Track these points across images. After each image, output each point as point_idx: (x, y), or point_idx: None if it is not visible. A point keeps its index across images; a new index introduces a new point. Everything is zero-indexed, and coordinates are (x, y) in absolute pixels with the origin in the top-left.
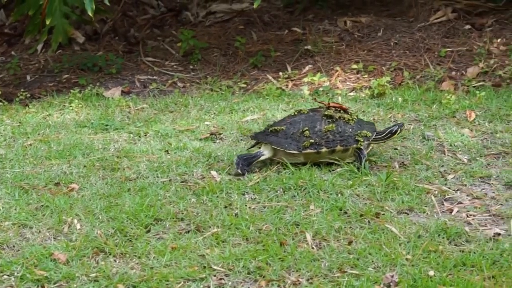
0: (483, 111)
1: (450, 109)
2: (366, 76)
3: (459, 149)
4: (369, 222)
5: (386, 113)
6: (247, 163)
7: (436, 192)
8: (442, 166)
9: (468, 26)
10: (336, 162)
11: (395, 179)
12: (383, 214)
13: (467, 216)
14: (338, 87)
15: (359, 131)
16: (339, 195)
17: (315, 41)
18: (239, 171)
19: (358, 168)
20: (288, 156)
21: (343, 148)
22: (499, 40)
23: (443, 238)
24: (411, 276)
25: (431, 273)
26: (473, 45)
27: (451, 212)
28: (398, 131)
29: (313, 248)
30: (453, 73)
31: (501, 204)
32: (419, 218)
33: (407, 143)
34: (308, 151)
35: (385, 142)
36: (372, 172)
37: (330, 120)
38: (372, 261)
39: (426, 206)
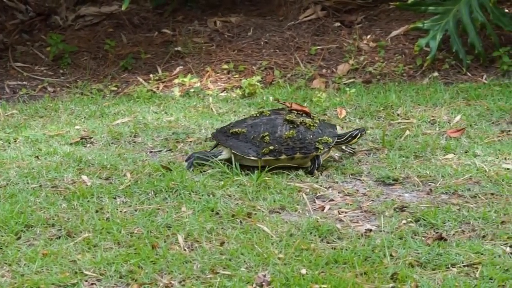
0: (354, 108)
1: (321, 106)
2: (237, 76)
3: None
4: (241, 222)
5: None
6: (203, 160)
7: (308, 190)
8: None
9: (337, 24)
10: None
11: (266, 178)
12: (255, 213)
13: (339, 213)
14: (209, 88)
15: (319, 138)
16: (211, 196)
17: (185, 42)
18: (187, 163)
19: (310, 173)
20: (247, 160)
21: (303, 156)
22: (368, 36)
23: (315, 236)
24: (284, 275)
25: (303, 271)
26: (343, 42)
27: (322, 210)
28: (359, 135)
29: (185, 250)
30: (324, 70)
31: (373, 200)
32: (291, 217)
33: None
34: (267, 158)
35: (346, 146)
36: (244, 172)
37: (291, 126)
38: (245, 261)
39: (298, 205)
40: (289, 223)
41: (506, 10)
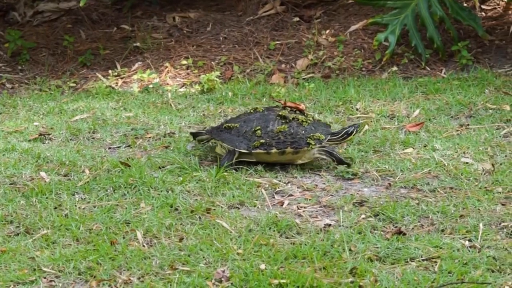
0: (313, 103)
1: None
2: (196, 71)
3: (201, 144)
4: (200, 218)
5: (216, 108)
6: (229, 163)
7: (267, 186)
8: None
9: (296, 19)
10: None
11: (225, 174)
12: (214, 209)
13: (298, 208)
14: (168, 84)
15: (311, 134)
16: (170, 192)
17: (144, 38)
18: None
19: (342, 163)
20: (241, 154)
21: (293, 150)
22: (327, 31)
23: (274, 231)
24: (243, 271)
25: (262, 266)
26: (302, 37)
27: (282, 205)
28: (354, 132)
29: (144, 246)
30: (283, 65)
31: (332, 195)
32: (250, 212)
33: None
34: (258, 151)
35: (341, 143)
36: (203, 168)
37: (283, 121)
38: (204, 257)
39: (257, 200)
40: (248, 219)
41: (465, 4)
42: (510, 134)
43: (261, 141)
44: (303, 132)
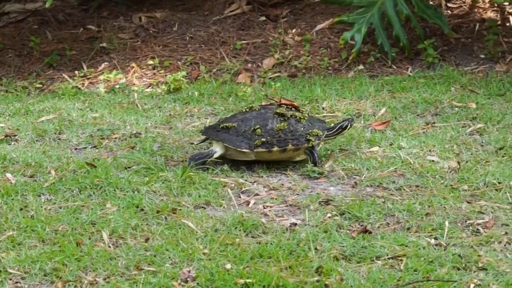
0: None
1: (246, 101)
2: (162, 71)
3: (196, 145)
4: (166, 218)
5: (182, 108)
6: (201, 163)
7: (233, 185)
8: None
9: (263, 18)
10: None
11: (191, 173)
12: (180, 209)
13: (264, 208)
14: (134, 84)
15: (310, 130)
16: (136, 192)
17: (110, 38)
18: (197, 166)
19: (315, 164)
20: (239, 154)
21: (294, 148)
22: (294, 30)
23: (240, 230)
24: (208, 270)
25: (228, 266)
26: (269, 36)
27: (248, 205)
28: (349, 126)
29: (109, 246)
30: (249, 65)
31: (298, 194)
32: (216, 212)
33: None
34: (260, 149)
35: (335, 138)
36: (169, 168)
37: (282, 119)
38: (169, 257)
39: (223, 200)
40: (214, 218)
41: (431, 2)
42: (476, 132)
43: (262, 139)
44: (302, 129)
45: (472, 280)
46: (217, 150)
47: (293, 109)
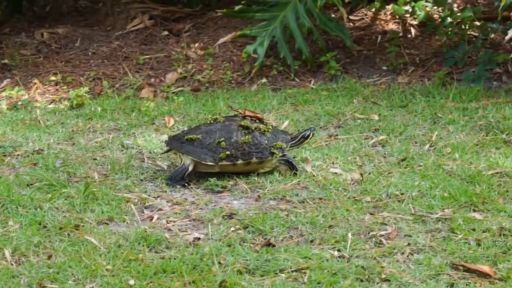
0: (182, 117)
1: (149, 116)
2: (65, 87)
3: (159, 156)
4: (68, 234)
5: (85, 124)
6: (180, 179)
7: (136, 200)
8: (142, 174)
9: (165, 32)
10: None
11: (94, 189)
12: (83, 225)
13: (167, 223)
14: (37, 100)
15: (274, 143)
16: (38, 209)
17: (12, 55)
18: (179, 186)
19: (296, 171)
20: (204, 166)
21: (259, 161)
22: (196, 44)
23: (143, 246)
24: (112, 287)
25: (132, 282)
26: (171, 51)
27: (151, 220)
28: (311, 136)
29: (12, 264)
30: (152, 80)
31: (201, 209)
32: (119, 228)
33: (106, 152)
34: (224, 162)
35: (298, 147)
36: (71, 184)
37: (246, 131)
38: (72, 274)
39: (126, 215)
40: (117, 234)
41: (333, 15)
42: (378, 143)
43: (227, 152)
44: (266, 142)
45: None
46: (188, 162)
47: (257, 121)
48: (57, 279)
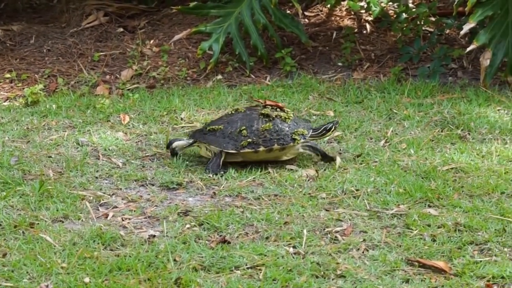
0: (137, 114)
1: (104, 113)
2: (20, 84)
3: (114, 153)
4: (23, 232)
5: (40, 121)
6: (217, 167)
7: (91, 198)
8: (97, 171)
9: (120, 29)
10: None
11: (49, 187)
12: (38, 223)
13: (123, 220)
14: None
15: (295, 130)
16: None
17: None
18: (219, 175)
19: (323, 156)
20: (228, 155)
21: (280, 147)
22: (152, 41)
23: (99, 243)
24: (67, 284)
25: (87, 280)
26: (127, 47)
27: (106, 217)
28: (333, 128)
29: None
30: (107, 77)
31: (156, 206)
32: (74, 225)
33: (61, 150)
34: (246, 150)
35: (321, 139)
36: (26, 182)
37: (267, 119)
38: (27, 272)
39: (81, 213)
40: (72, 232)
41: (288, 12)
42: (334, 139)
43: (248, 140)
44: (287, 128)
45: None
46: (217, 152)
47: (278, 109)
48: (11, 277)
